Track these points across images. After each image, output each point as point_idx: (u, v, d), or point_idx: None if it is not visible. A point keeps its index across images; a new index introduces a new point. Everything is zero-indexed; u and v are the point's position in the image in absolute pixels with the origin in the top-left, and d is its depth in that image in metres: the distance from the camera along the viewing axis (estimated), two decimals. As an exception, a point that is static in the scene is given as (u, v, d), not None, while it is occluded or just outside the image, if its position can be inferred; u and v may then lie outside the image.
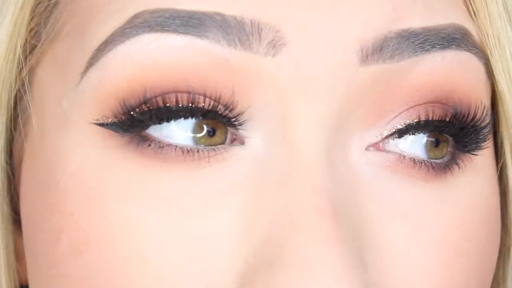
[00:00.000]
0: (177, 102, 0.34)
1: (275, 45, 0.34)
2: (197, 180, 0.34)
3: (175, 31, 0.34)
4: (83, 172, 0.35)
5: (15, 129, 0.40)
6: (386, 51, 0.35)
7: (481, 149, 0.37)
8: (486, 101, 0.38)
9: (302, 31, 0.34)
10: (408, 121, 0.36)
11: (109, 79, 0.35)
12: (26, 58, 0.38)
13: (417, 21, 0.35)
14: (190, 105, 0.34)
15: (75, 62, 0.36)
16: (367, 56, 0.34)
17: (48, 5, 0.38)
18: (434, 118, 0.36)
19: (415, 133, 0.36)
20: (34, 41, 0.38)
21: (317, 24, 0.34)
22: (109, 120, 0.35)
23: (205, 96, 0.34)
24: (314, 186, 0.33)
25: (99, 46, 0.35)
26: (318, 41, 0.34)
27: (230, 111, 0.35)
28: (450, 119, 0.36)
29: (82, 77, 0.36)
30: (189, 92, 0.34)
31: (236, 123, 0.35)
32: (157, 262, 0.34)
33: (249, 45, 0.34)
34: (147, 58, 0.34)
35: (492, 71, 0.38)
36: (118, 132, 0.35)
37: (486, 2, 0.38)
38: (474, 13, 0.38)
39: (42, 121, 0.38)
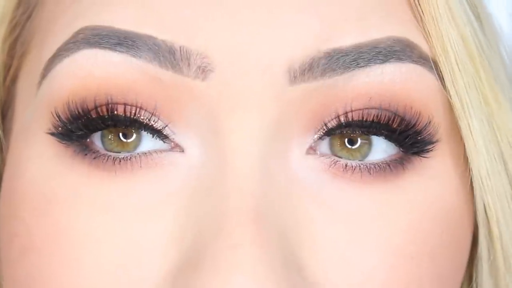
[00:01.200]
0: (97, 113, 0.36)
1: (204, 70, 0.35)
2: (133, 188, 0.36)
3: (111, 48, 0.35)
4: (37, 180, 0.37)
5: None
6: (316, 70, 0.35)
7: (428, 151, 0.37)
8: (436, 110, 0.37)
9: (229, 55, 0.35)
10: (334, 123, 0.36)
11: (55, 90, 0.36)
12: (8, 72, 0.41)
13: (348, 39, 0.35)
14: (110, 114, 0.36)
15: (34, 74, 0.38)
16: (295, 77, 0.35)
17: (21, 18, 0.40)
18: (354, 119, 0.36)
19: (342, 132, 0.36)
20: (11, 55, 0.41)
21: (245, 48, 0.35)
22: (54, 130, 0.37)
23: (125, 104, 0.35)
24: (240, 191, 0.34)
25: (49, 59, 0.37)
26: (246, 63, 0.35)
27: (154, 122, 0.36)
28: (373, 119, 0.36)
29: (38, 88, 0.38)
30: (107, 103, 0.35)
31: (164, 133, 0.36)
32: (90, 266, 0.35)
33: (179, 69, 0.35)
34: (86, 72, 0.36)
35: (442, 77, 0.37)
36: (64, 143, 0.36)
37: (429, 4, 0.36)
38: (421, 18, 0.37)
39: (13, 134, 0.40)
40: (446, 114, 0.37)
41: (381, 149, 0.36)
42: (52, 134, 0.37)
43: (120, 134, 0.36)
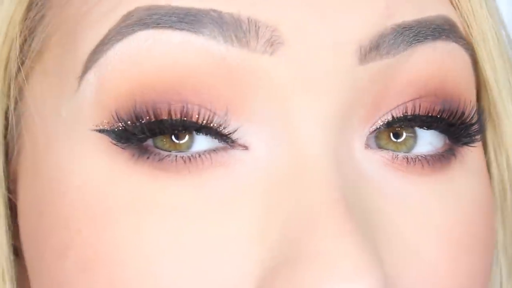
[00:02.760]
0: (169, 114, 0.34)
1: (273, 44, 0.34)
2: (202, 188, 0.34)
3: (171, 27, 0.34)
4: (89, 186, 0.35)
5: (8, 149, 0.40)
6: (382, 48, 0.35)
7: (476, 141, 0.38)
8: (472, 92, 0.38)
9: (299, 31, 0.34)
10: (398, 114, 0.36)
11: (108, 79, 0.34)
12: (16, 74, 0.38)
13: (409, 15, 0.36)
14: (184, 118, 0.34)
15: (69, 69, 0.36)
16: (365, 55, 0.35)
17: (34, 19, 0.38)
18: (421, 113, 0.36)
19: (403, 126, 0.37)
20: (22, 56, 0.38)
21: (314, 24, 0.34)
22: (107, 127, 0.35)
23: (200, 107, 0.34)
24: (322, 183, 0.33)
25: (96, 46, 0.35)
26: (315, 41, 0.34)
27: (225, 127, 0.34)
28: (438, 114, 0.37)
29: (80, 82, 0.35)
30: (182, 104, 0.34)
31: (231, 139, 0.35)
32: (169, 275, 0.33)
33: (246, 42, 0.34)
34: (144, 55, 0.34)
35: (478, 62, 0.39)
36: (119, 145, 0.34)
37: None
38: (457, 4, 0.38)
39: (38, 135, 0.37)
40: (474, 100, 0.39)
41: (427, 141, 0.37)
42: (102, 131, 0.34)
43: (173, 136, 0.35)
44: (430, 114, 0.36)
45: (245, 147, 0.35)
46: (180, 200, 0.34)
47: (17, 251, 0.39)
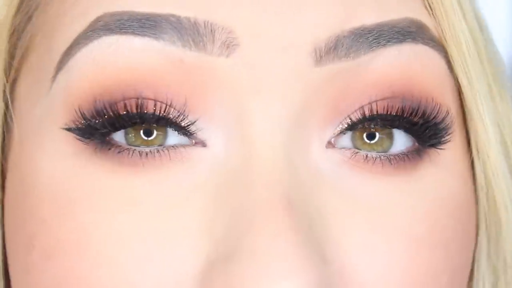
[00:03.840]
0: (126, 109, 0.35)
1: (229, 46, 0.34)
2: (158, 182, 0.35)
3: (133, 33, 0.35)
4: (55, 180, 0.36)
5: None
6: (340, 50, 0.35)
7: (444, 143, 0.37)
8: (446, 95, 0.38)
9: (255, 32, 0.34)
10: (358, 116, 0.36)
11: (75, 81, 0.36)
12: (8, 73, 0.40)
13: (369, 18, 0.36)
14: (139, 111, 0.35)
15: (45, 69, 0.37)
16: (321, 57, 0.35)
17: (21, 21, 0.39)
18: (379, 112, 0.36)
19: (365, 126, 0.36)
20: (12, 55, 0.39)
21: (270, 26, 0.35)
22: (73, 125, 0.36)
23: (155, 101, 0.35)
24: (268, 181, 0.34)
25: (66, 49, 0.36)
26: (271, 42, 0.35)
27: (183, 119, 0.35)
28: (397, 112, 0.36)
29: (52, 82, 0.37)
30: (137, 98, 0.35)
31: (189, 131, 0.35)
32: (122, 264, 0.34)
33: (203, 46, 0.35)
34: (108, 59, 0.35)
35: (452, 65, 0.38)
36: (83, 140, 0.36)
37: None
38: (430, 7, 0.38)
39: (17, 133, 0.39)
40: (454, 102, 0.38)
41: (402, 142, 0.37)
42: (69, 129, 0.36)
43: (142, 132, 0.36)
44: (389, 113, 0.36)
45: (204, 144, 0.36)
46: (134, 193, 0.35)
47: None
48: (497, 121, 0.40)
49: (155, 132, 0.36)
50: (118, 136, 0.36)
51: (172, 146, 0.35)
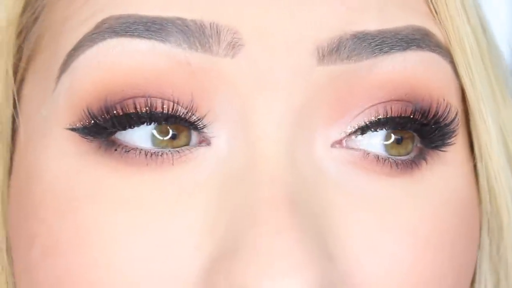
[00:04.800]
0: (135, 108, 0.35)
1: (234, 46, 0.35)
2: (162, 182, 0.35)
3: (139, 36, 0.35)
4: (57, 179, 0.36)
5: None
6: (343, 52, 0.35)
7: (448, 145, 0.38)
8: (452, 98, 0.38)
9: (259, 32, 0.35)
10: (370, 118, 0.36)
11: (78, 82, 0.36)
12: (15, 74, 0.40)
13: (372, 24, 0.36)
14: (148, 110, 0.35)
15: (51, 70, 0.38)
16: (323, 56, 0.35)
17: (28, 21, 0.40)
18: (393, 115, 0.36)
19: (377, 130, 0.37)
20: (19, 57, 0.40)
21: (274, 26, 0.35)
22: (78, 125, 0.36)
23: (162, 99, 0.35)
24: (271, 179, 0.34)
25: (70, 51, 0.37)
26: (275, 42, 0.35)
27: (191, 115, 0.36)
28: (410, 114, 0.37)
29: (56, 83, 0.37)
30: (145, 97, 0.35)
31: (198, 126, 0.36)
32: (122, 263, 0.34)
33: (209, 47, 0.35)
34: (113, 61, 0.35)
35: (457, 69, 0.38)
36: (87, 138, 0.36)
37: (445, 1, 0.38)
38: (436, 12, 0.38)
39: (24, 133, 0.39)
40: (459, 105, 0.39)
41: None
42: (73, 129, 0.36)
43: (170, 136, 0.36)
44: (402, 115, 0.37)
45: (209, 143, 0.36)
46: (137, 192, 0.35)
47: None
48: (500, 124, 0.40)
49: (170, 132, 0.36)
50: (144, 140, 0.36)
51: (178, 147, 0.36)
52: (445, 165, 0.38)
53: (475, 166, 0.40)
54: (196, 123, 0.36)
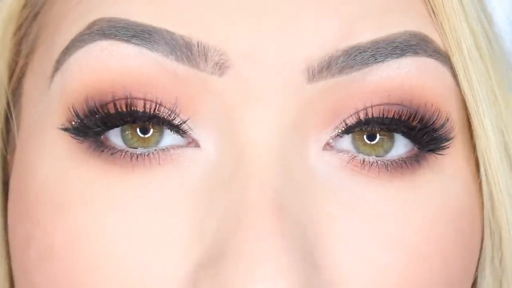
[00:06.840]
0: (116, 108, 0.35)
1: (221, 67, 0.35)
2: (149, 185, 0.35)
3: (127, 41, 0.35)
4: (51, 179, 0.36)
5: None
6: (334, 68, 0.35)
7: (443, 149, 0.37)
8: (450, 103, 0.37)
9: (247, 54, 0.35)
10: (358, 119, 0.36)
11: (69, 82, 0.36)
12: (13, 72, 0.40)
13: (366, 35, 0.35)
14: (129, 109, 0.35)
15: (45, 68, 0.38)
16: (313, 75, 0.35)
17: (27, 18, 0.40)
18: (374, 115, 0.36)
19: (362, 129, 0.36)
20: (17, 54, 0.40)
21: (263, 46, 0.35)
22: (68, 125, 0.36)
23: (145, 100, 0.35)
24: (260, 183, 0.34)
25: (62, 51, 0.37)
26: (264, 61, 0.35)
27: (175, 116, 0.35)
28: (395, 116, 0.36)
29: (50, 82, 0.37)
30: (127, 98, 0.35)
31: (182, 129, 0.36)
32: (111, 267, 0.35)
33: (196, 64, 0.35)
34: (101, 63, 0.36)
35: (455, 73, 0.37)
36: (78, 139, 0.36)
37: (442, 1, 0.37)
38: (434, 12, 0.37)
39: (23, 130, 0.39)
40: (459, 110, 0.38)
41: (403, 145, 0.37)
42: (66, 129, 0.36)
43: (138, 130, 0.36)
44: (386, 116, 0.36)
45: (198, 144, 0.36)
46: (124, 195, 0.35)
47: None
48: (501, 128, 0.39)
49: (151, 130, 0.36)
50: (114, 135, 0.36)
51: (164, 149, 0.36)
52: (441, 171, 0.37)
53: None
54: (180, 126, 0.35)
